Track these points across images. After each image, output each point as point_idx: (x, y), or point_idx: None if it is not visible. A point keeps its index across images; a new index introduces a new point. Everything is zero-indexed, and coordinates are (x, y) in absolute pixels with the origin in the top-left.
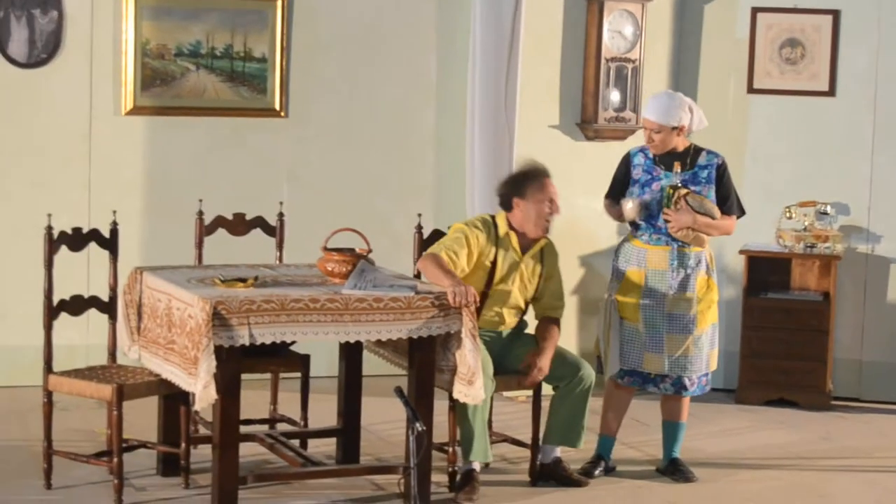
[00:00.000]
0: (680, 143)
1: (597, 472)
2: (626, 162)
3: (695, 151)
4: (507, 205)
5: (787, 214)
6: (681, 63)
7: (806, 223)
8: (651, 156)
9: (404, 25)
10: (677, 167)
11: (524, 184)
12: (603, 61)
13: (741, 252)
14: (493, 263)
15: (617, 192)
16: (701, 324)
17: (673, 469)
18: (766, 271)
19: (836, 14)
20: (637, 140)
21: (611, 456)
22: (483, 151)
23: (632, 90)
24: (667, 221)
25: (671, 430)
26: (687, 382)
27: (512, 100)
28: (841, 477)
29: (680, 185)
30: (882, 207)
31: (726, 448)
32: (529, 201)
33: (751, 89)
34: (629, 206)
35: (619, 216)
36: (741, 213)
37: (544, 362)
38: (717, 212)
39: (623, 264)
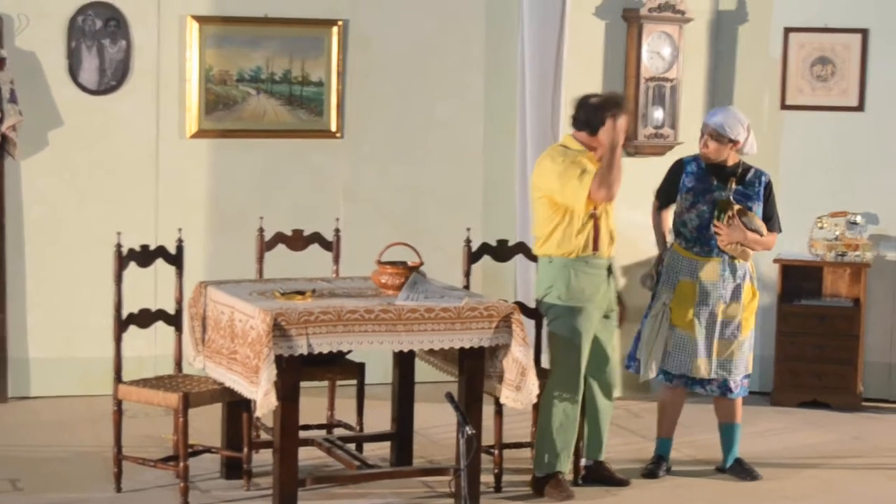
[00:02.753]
0: (731, 158)
1: (661, 473)
2: (679, 169)
3: (743, 168)
4: (593, 128)
5: (819, 224)
6: (717, 81)
7: (837, 233)
8: (703, 166)
9: (453, 49)
10: (732, 183)
11: (616, 112)
12: (642, 81)
13: (775, 261)
14: None
15: (666, 197)
16: (745, 329)
17: (739, 469)
18: (799, 279)
19: (864, 33)
20: (675, 156)
21: (669, 456)
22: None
23: (670, 108)
24: (717, 234)
25: (729, 431)
26: (731, 384)
27: (557, 118)
28: (873, 475)
29: (732, 199)
30: None
31: (763, 448)
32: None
33: (784, 105)
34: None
35: (656, 223)
36: (779, 230)
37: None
38: (764, 229)
39: (674, 274)
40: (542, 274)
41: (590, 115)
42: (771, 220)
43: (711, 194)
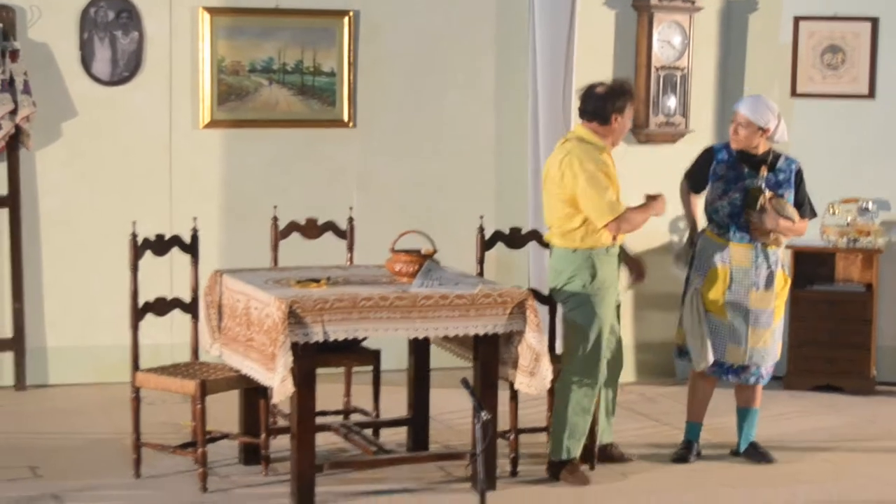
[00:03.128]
0: (761, 146)
1: (692, 458)
2: (709, 156)
3: (774, 156)
4: (605, 119)
5: (831, 211)
6: (727, 70)
7: (848, 219)
8: (734, 154)
9: (464, 39)
10: (764, 171)
11: (624, 100)
12: (653, 70)
13: (788, 247)
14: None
15: (695, 181)
16: (777, 317)
17: (754, 452)
18: (811, 265)
19: (874, 21)
20: (686, 144)
21: (699, 441)
22: (548, 157)
23: (681, 97)
24: (750, 222)
25: (747, 416)
26: (763, 372)
27: (568, 108)
28: (886, 458)
29: (764, 187)
30: None
31: (777, 432)
32: (626, 117)
33: (794, 93)
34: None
35: (686, 203)
36: (813, 215)
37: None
38: (796, 216)
39: (706, 260)
40: (561, 263)
41: (598, 106)
42: (802, 206)
43: (743, 182)
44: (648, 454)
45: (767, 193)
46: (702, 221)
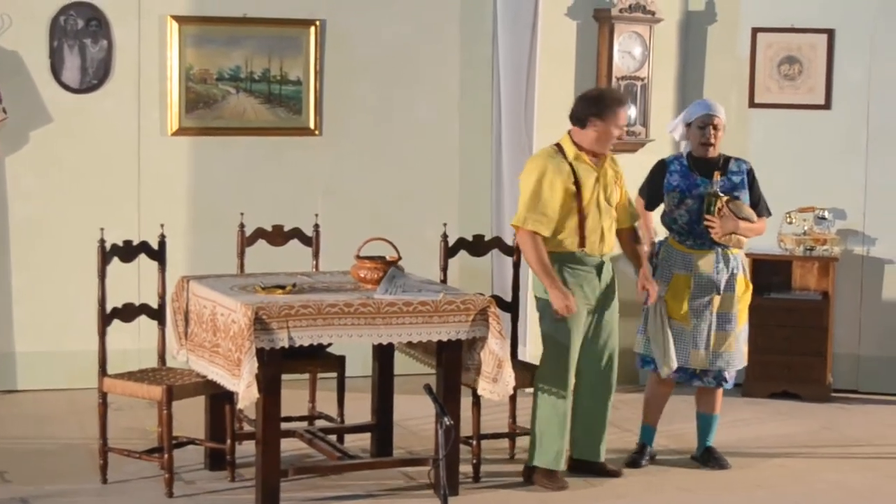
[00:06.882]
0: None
1: (644, 462)
2: (662, 169)
3: (724, 160)
4: (581, 122)
5: (788, 220)
6: (686, 80)
7: (805, 227)
8: (686, 163)
9: (428, 49)
10: (717, 176)
11: (606, 106)
12: (614, 79)
13: (746, 254)
14: (577, 185)
15: (649, 198)
16: (741, 321)
17: (709, 457)
18: (768, 273)
19: (830, 33)
20: (646, 153)
21: (653, 444)
22: (510, 165)
23: (641, 106)
24: (710, 228)
25: (706, 421)
26: (727, 375)
27: (530, 116)
28: (841, 464)
29: (719, 192)
30: (876, 212)
31: (735, 438)
32: (608, 123)
33: (752, 104)
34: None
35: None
36: (768, 213)
37: (652, 284)
38: (754, 215)
39: (668, 268)
40: None
41: (576, 109)
42: (758, 205)
43: (698, 189)
44: (609, 459)
45: (724, 197)
46: (657, 238)
